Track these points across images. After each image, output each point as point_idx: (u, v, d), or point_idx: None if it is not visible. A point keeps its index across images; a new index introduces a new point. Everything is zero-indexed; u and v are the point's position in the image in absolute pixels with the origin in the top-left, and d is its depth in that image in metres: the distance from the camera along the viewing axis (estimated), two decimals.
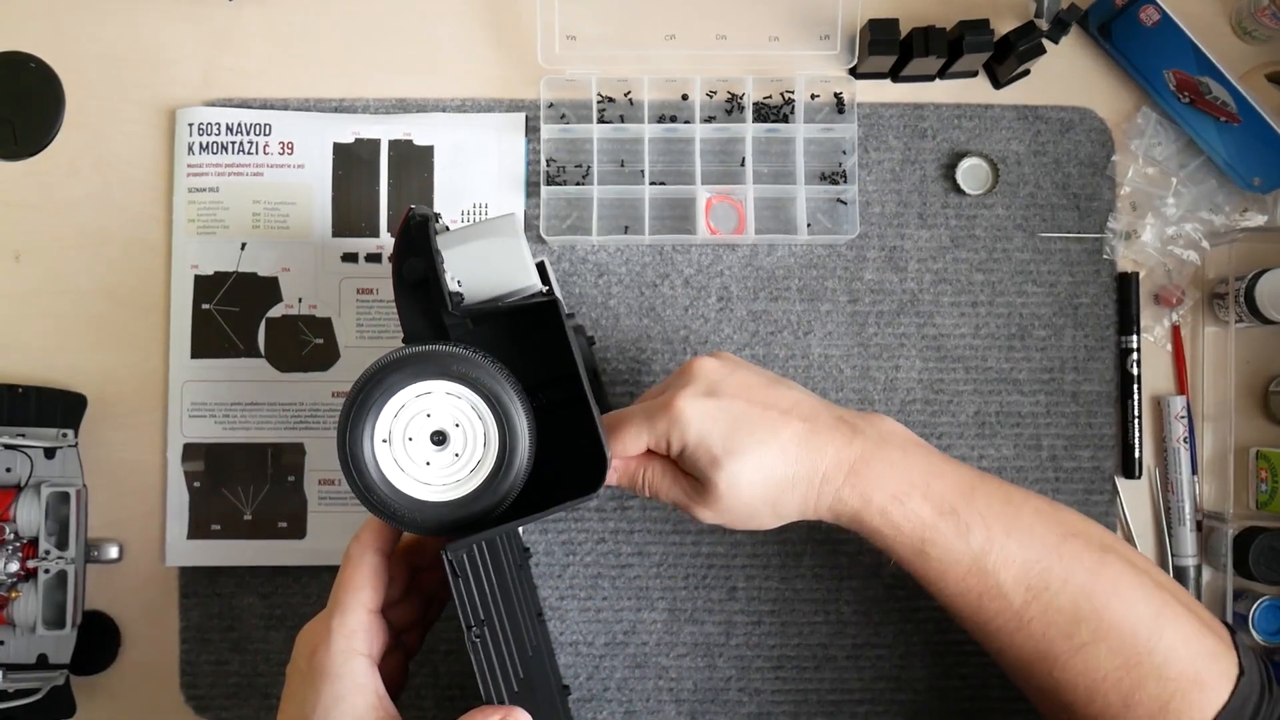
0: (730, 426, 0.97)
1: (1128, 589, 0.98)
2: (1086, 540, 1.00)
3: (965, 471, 1.03)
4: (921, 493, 0.99)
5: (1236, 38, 1.31)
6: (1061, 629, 0.98)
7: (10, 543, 1.18)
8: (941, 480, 1.00)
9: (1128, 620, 0.97)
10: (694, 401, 0.97)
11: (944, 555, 0.99)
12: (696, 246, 1.28)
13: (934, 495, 0.99)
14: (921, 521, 0.99)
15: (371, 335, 1.26)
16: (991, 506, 1.00)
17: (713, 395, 0.98)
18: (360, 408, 0.85)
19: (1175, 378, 1.30)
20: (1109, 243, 1.28)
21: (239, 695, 1.26)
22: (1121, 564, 1.00)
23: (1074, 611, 0.98)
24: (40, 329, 1.26)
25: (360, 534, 0.95)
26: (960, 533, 0.99)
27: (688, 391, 0.98)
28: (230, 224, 1.25)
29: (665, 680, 1.26)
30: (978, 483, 1.02)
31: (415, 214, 0.95)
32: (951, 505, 0.99)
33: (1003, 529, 0.99)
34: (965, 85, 1.30)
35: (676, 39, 1.28)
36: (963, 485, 1.01)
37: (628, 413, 1.00)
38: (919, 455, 1.02)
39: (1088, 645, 0.97)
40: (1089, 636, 0.97)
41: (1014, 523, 1.00)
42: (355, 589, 0.92)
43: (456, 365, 0.86)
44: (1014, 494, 1.02)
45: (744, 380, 1.00)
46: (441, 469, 0.87)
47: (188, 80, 1.28)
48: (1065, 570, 0.98)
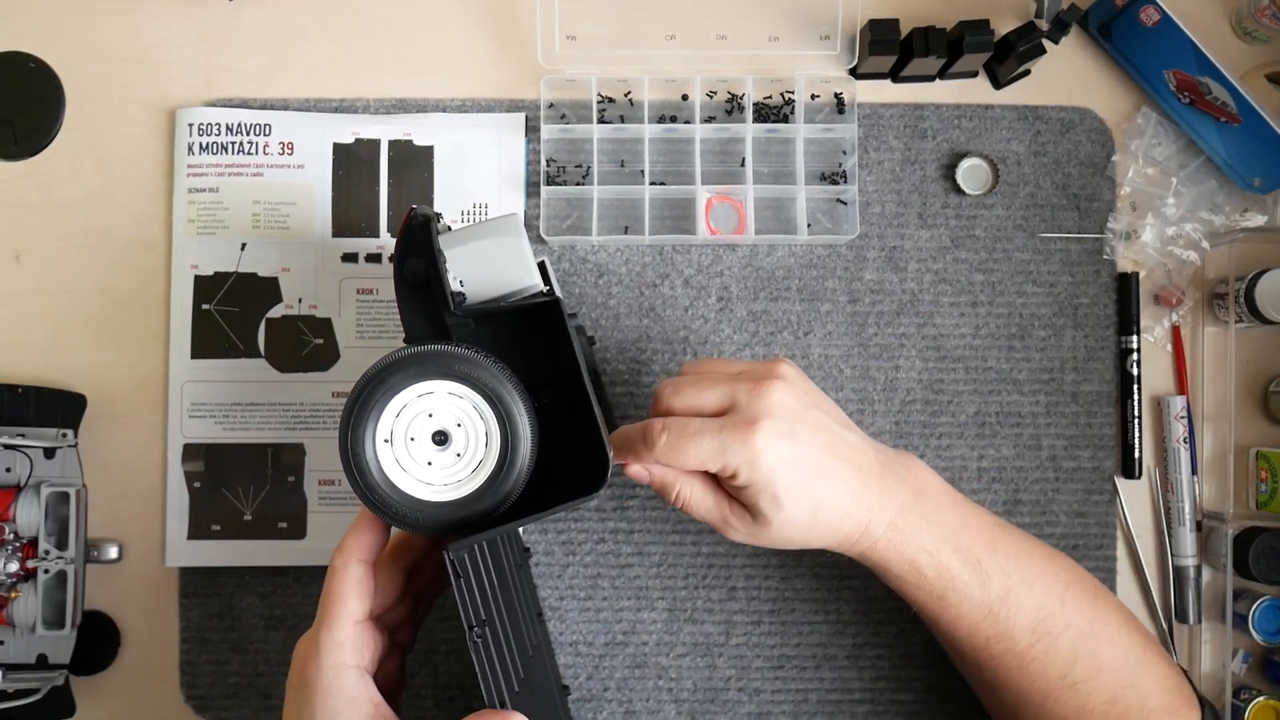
0: (801, 474, 0.98)
1: (1117, 633, 1.06)
2: (1084, 588, 1.07)
3: (988, 520, 1.07)
4: (951, 545, 1.03)
5: (1236, 38, 1.31)
6: (1058, 669, 1.04)
7: (10, 543, 1.18)
8: (969, 533, 1.04)
9: (1115, 661, 1.05)
10: (774, 441, 0.96)
11: (962, 603, 1.04)
12: (696, 246, 1.28)
13: (962, 547, 1.03)
14: (948, 572, 1.03)
15: (371, 335, 1.26)
16: (1010, 556, 1.04)
17: (790, 437, 0.98)
18: (362, 408, 0.85)
19: (1175, 378, 1.30)
20: (1109, 243, 1.28)
21: (239, 695, 1.26)
22: (1111, 610, 1.08)
23: (1071, 653, 1.04)
24: (40, 329, 1.26)
25: (343, 544, 0.94)
26: (981, 582, 1.03)
27: (769, 429, 0.97)
28: (230, 224, 1.25)
29: (665, 680, 1.26)
30: (999, 533, 1.06)
31: (417, 214, 0.95)
32: (977, 557, 1.03)
33: (1019, 578, 1.04)
34: (965, 85, 1.30)
35: (676, 39, 1.28)
36: (986, 535, 1.04)
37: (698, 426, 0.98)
38: (950, 507, 1.05)
39: (1080, 683, 1.04)
40: (1082, 675, 1.04)
41: (1028, 571, 1.04)
42: (340, 601, 0.91)
43: (458, 365, 0.86)
44: (1025, 542, 1.07)
45: (817, 420, 1.01)
46: (443, 469, 0.87)
47: (188, 80, 1.28)
48: (1067, 616, 1.04)
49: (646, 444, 0.98)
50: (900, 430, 1.27)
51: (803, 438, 0.98)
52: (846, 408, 1.26)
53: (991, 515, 1.07)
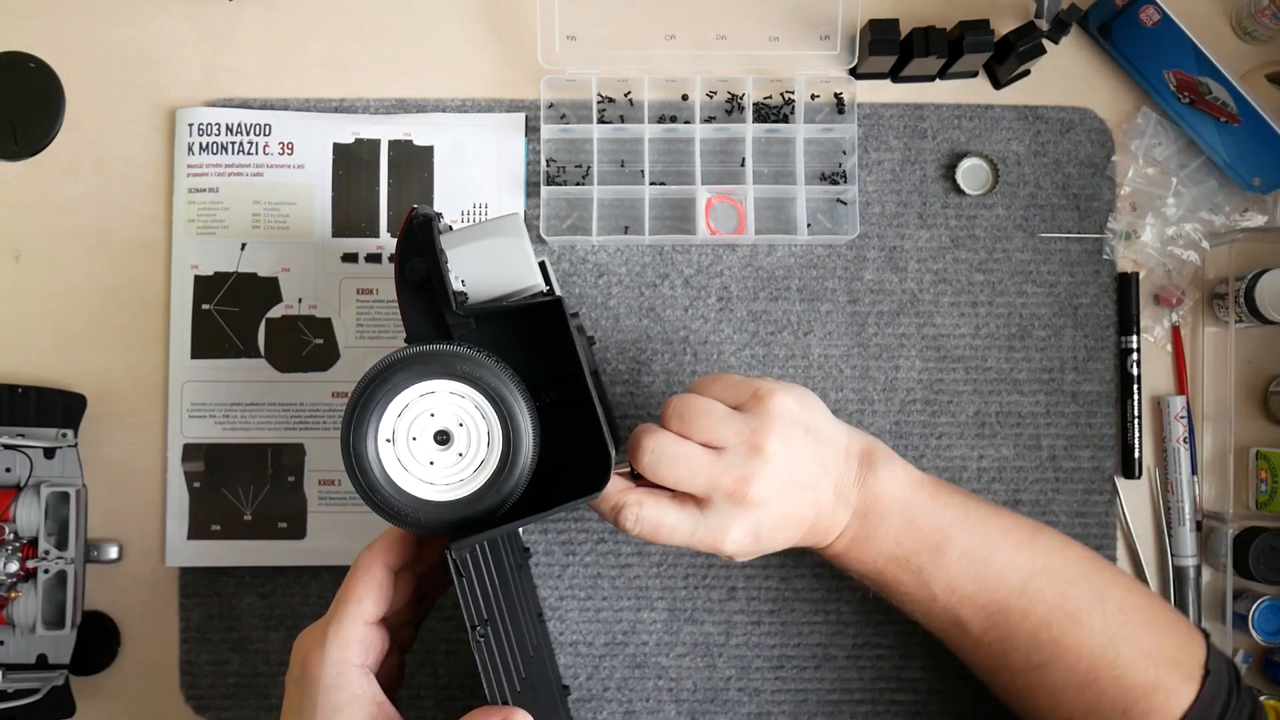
0: (755, 543, 1.03)
1: (1087, 618, 1.05)
2: (1052, 575, 1.06)
3: (946, 520, 1.07)
4: (887, 556, 1.07)
5: (1236, 38, 1.31)
6: (1020, 652, 1.06)
7: (10, 543, 1.18)
8: (913, 538, 1.06)
9: (1084, 644, 1.04)
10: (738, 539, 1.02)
11: (903, 597, 1.09)
12: (696, 247, 1.28)
13: (901, 553, 1.06)
14: (881, 572, 1.08)
15: (371, 335, 1.26)
16: (962, 559, 1.06)
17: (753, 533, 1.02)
18: (364, 407, 0.85)
19: (1175, 378, 1.30)
20: (1109, 243, 1.28)
21: (239, 695, 1.26)
22: (1085, 594, 1.06)
23: (1031, 639, 1.05)
24: (40, 329, 1.26)
25: (374, 544, 0.94)
26: (921, 584, 1.07)
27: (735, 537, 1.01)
28: (230, 224, 1.25)
29: (665, 680, 1.26)
30: (956, 532, 1.07)
31: (418, 214, 0.95)
32: (918, 564, 1.06)
33: (968, 577, 1.06)
34: (965, 85, 1.30)
35: (676, 39, 1.28)
36: (934, 540, 1.06)
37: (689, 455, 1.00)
38: (897, 517, 1.06)
39: (1045, 664, 1.05)
40: (1045, 658, 1.05)
41: (983, 569, 1.06)
42: (356, 599, 0.91)
43: (460, 364, 0.86)
44: (992, 536, 1.08)
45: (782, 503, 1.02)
46: (445, 468, 0.87)
47: (188, 80, 1.28)
48: (1025, 605, 1.05)
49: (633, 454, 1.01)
50: (900, 430, 1.27)
51: (765, 527, 1.02)
52: (846, 408, 1.26)
53: (956, 510, 1.07)
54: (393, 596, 0.94)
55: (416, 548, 0.96)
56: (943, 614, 1.07)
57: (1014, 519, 1.09)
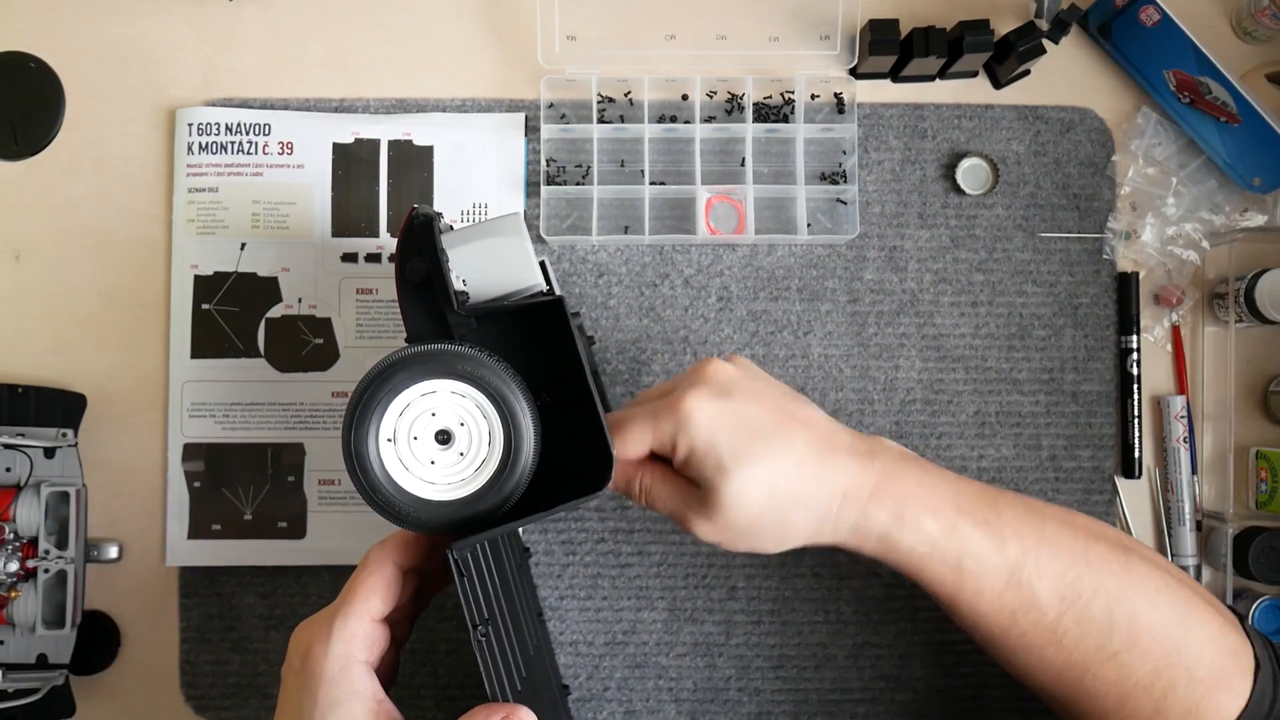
0: (743, 432, 0.92)
1: (1155, 591, 0.97)
2: (1110, 544, 0.98)
3: (984, 486, 1.00)
4: (954, 505, 0.96)
5: (1236, 38, 1.31)
6: (1095, 638, 0.96)
7: (10, 543, 1.18)
8: (970, 494, 0.97)
9: (1157, 624, 0.96)
10: (704, 402, 0.92)
11: (981, 570, 0.96)
12: (696, 246, 1.28)
13: (966, 508, 0.96)
14: (959, 534, 0.95)
15: (371, 335, 1.26)
16: (1019, 516, 0.97)
17: (725, 397, 0.93)
18: (365, 407, 0.85)
19: (1175, 378, 1.30)
20: (1109, 243, 1.28)
21: (239, 695, 1.26)
22: (1145, 565, 0.98)
23: (1107, 619, 0.96)
24: (40, 329, 1.26)
25: (385, 543, 0.94)
26: (996, 544, 0.95)
27: (698, 391, 0.92)
28: (230, 224, 1.25)
29: (665, 680, 1.26)
30: (999, 495, 0.99)
31: (419, 214, 0.95)
32: (984, 517, 0.96)
33: (1034, 539, 0.96)
34: (965, 85, 1.31)
35: (676, 39, 1.28)
36: (988, 497, 0.98)
37: (630, 413, 0.95)
38: (939, 472, 0.99)
39: (1120, 653, 0.96)
40: (1121, 644, 0.96)
41: (1041, 531, 0.97)
42: (365, 596, 0.91)
43: (461, 364, 0.86)
44: (1034, 503, 1.00)
45: (759, 388, 0.96)
46: (446, 468, 0.87)
47: (188, 80, 1.28)
48: (1096, 578, 0.96)
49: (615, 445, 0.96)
50: (900, 430, 1.27)
51: (740, 398, 0.94)
52: (846, 408, 1.26)
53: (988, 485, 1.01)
54: (398, 595, 0.94)
55: (429, 548, 0.96)
56: (1016, 594, 0.95)
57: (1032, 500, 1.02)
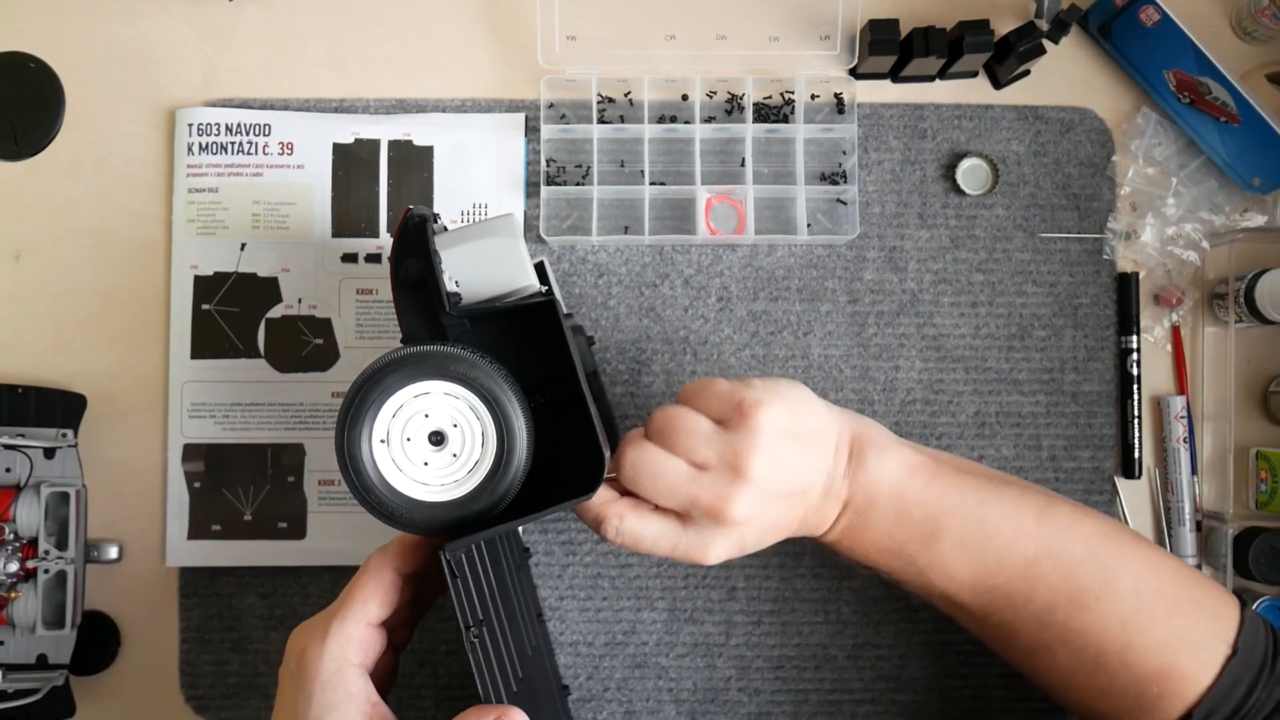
0: (762, 525, 1.00)
1: (1095, 601, 1.02)
2: (1057, 558, 1.03)
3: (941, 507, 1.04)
4: (881, 545, 1.05)
5: (1236, 38, 1.30)
6: (1025, 635, 1.05)
7: (10, 543, 1.18)
8: (904, 528, 1.04)
9: (1092, 630, 1.01)
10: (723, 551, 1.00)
11: (900, 583, 1.09)
12: (696, 246, 1.28)
13: (893, 544, 1.05)
14: (875, 562, 1.07)
15: (371, 335, 1.26)
16: (957, 548, 1.03)
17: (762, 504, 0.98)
18: (358, 408, 0.85)
19: (1175, 378, 1.30)
20: (1109, 243, 1.28)
21: (239, 695, 1.26)
22: (1094, 576, 1.03)
23: (1036, 623, 1.03)
24: (40, 329, 1.26)
25: (386, 548, 0.94)
26: (916, 572, 1.05)
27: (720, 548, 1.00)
28: (230, 224, 1.25)
29: (665, 680, 1.26)
30: (951, 519, 1.04)
31: (414, 214, 0.95)
32: (909, 554, 1.04)
33: (963, 563, 1.04)
34: (965, 85, 1.30)
35: (676, 39, 1.28)
36: (926, 530, 1.04)
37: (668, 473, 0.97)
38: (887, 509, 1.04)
39: (1050, 647, 1.04)
40: (1050, 641, 1.03)
41: (979, 555, 1.03)
42: (364, 600, 0.91)
43: (454, 366, 0.86)
44: (991, 520, 1.04)
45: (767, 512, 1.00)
46: (439, 469, 0.87)
47: (188, 80, 1.28)
48: (1028, 590, 1.03)
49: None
50: (900, 430, 1.27)
51: (750, 539, 1.01)
52: (846, 408, 1.26)
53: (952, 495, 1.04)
54: (396, 600, 0.94)
55: (429, 553, 0.96)
56: (942, 599, 1.07)
57: (1022, 496, 1.06)
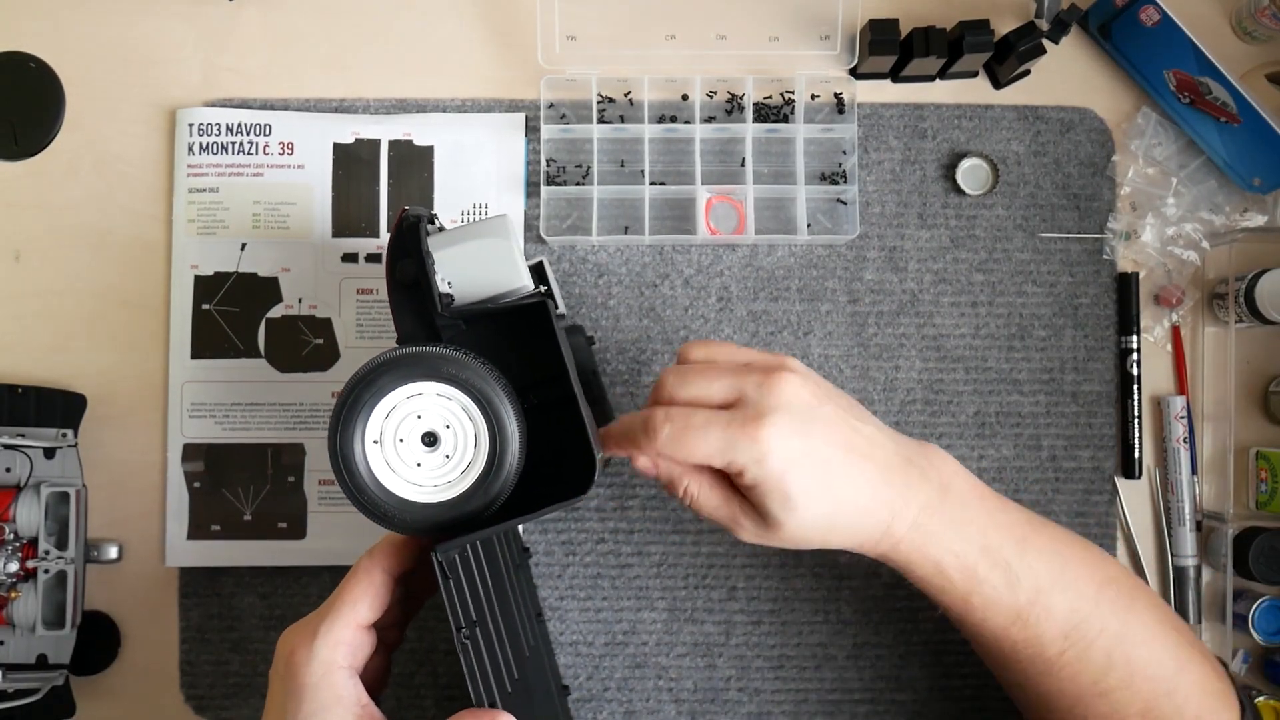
0: (816, 473, 0.93)
1: (1154, 636, 1.00)
2: (1120, 588, 1.02)
3: (1018, 516, 1.02)
4: (979, 547, 0.98)
5: (1236, 38, 1.30)
6: (1091, 675, 1.00)
7: (10, 543, 1.18)
8: (998, 531, 0.99)
9: (1152, 667, 0.99)
10: (786, 439, 0.92)
11: (989, 606, 0.99)
12: (696, 246, 1.28)
13: (990, 548, 0.98)
14: (974, 575, 0.98)
15: (371, 335, 1.26)
16: (1042, 557, 0.99)
17: (804, 433, 0.93)
18: (351, 409, 0.85)
19: (1175, 378, 1.30)
20: (1109, 243, 1.28)
21: (239, 695, 1.26)
22: (1149, 611, 1.02)
23: (1105, 659, 0.99)
24: (40, 329, 1.27)
25: (374, 550, 0.94)
26: (1010, 585, 0.98)
27: (779, 424, 0.92)
28: (230, 224, 1.25)
29: (665, 680, 1.26)
30: (1030, 532, 1.01)
31: (408, 215, 0.95)
32: (1006, 559, 0.98)
33: (1050, 580, 0.99)
34: (965, 85, 1.30)
35: (676, 39, 1.28)
36: (1017, 533, 1.00)
37: (704, 418, 0.93)
38: (977, 503, 1.00)
39: (1114, 690, 1.00)
40: (1116, 683, 0.99)
41: (1061, 572, 1.00)
42: (352, 602, 0.91)
43: (447, 367, 0.86)
44: (1060, 538, 1.02)
45: (831, 416, 0.95)
46: (432, 470, 0.87)
47: (188, 80, 1.29)
48: (1102, 620, 0.99)
49: (647, 435, 0.94)
50: (900, 430, 1.25)
51: (816, 433, 0.94)
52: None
53: (1022, 510, 1.03)
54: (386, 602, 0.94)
55: (419, 553, 0.96)
56: (1023, 628, 0.99)
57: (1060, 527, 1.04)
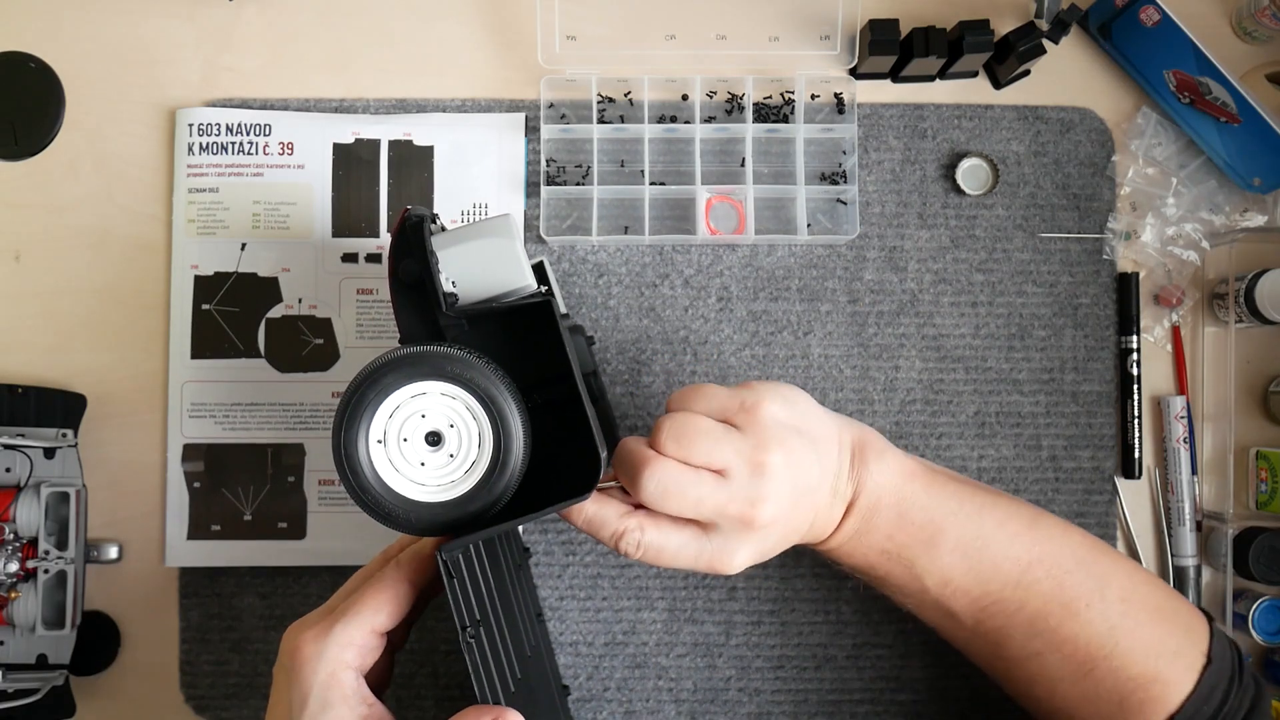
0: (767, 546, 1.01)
1: (1085, 608, 1.03)
2: (1050, 565, 1.05)
3: (940, 512, 1.05)
4: (880, 548, 1.05)
5: (1236, 38, 1.30)
6: (1015, 642, 1.06)
7: (10, 543, 1.18)
8: (906, 531, 1.05)
9: (1080, 635, 1.03)
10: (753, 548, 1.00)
11: (895, 589, 1.09)
12: (696, 246, 1.28)
13: (893, 546, 1.05)
14: (873, 566, 1.07)
15: (371, 335, 1.26)
16: (955, 552, 1.04)
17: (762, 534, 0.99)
18: (355, 408, 0.85)
19: (1175, 378, 1.30)
20: (1109, 243, 1.28)
21: (239, 695, 1.26)
22: (1084, 583, 1.04)
23: (1027, 629, 1.05)
24: (40, 329, 1.26)
25: (402, 560, 0.93)
26: (913, 577, 1.05)
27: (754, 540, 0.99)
28: (230, 224, 1.25)
29: (665, 680, 1.26)
30: (950, 523, 1.05)
31: (411, 215, 0.95)
32: (909, 558, 1.05)
33: (961, 570, 1.04)
34: (965, 85, 1.30)
35: (676, 39, 1.28)
36: (926, 534, 1.04)
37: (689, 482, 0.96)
38: (889, 512, 1.05)
39: (1041, 654, 1.05)
40: (1041, 647, 1.05)
41: (976, 561, 1.04)
42: (375, 608, 0.90)
43: (451, 366, 0.86)
44: (987, 526, 1.06)
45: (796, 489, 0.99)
46: (436, 470, 0.87)
47: (188, 80, 1.28)
48: (1021, 597, 1.04)
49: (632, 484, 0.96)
50: (900, 430, 1.27)
51: (770, 543, 1.01)
52: (846, 408, 1.26)
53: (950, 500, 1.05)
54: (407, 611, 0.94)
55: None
56: (935, 606, 1.07)
57: (1012, 506, 1.07)
